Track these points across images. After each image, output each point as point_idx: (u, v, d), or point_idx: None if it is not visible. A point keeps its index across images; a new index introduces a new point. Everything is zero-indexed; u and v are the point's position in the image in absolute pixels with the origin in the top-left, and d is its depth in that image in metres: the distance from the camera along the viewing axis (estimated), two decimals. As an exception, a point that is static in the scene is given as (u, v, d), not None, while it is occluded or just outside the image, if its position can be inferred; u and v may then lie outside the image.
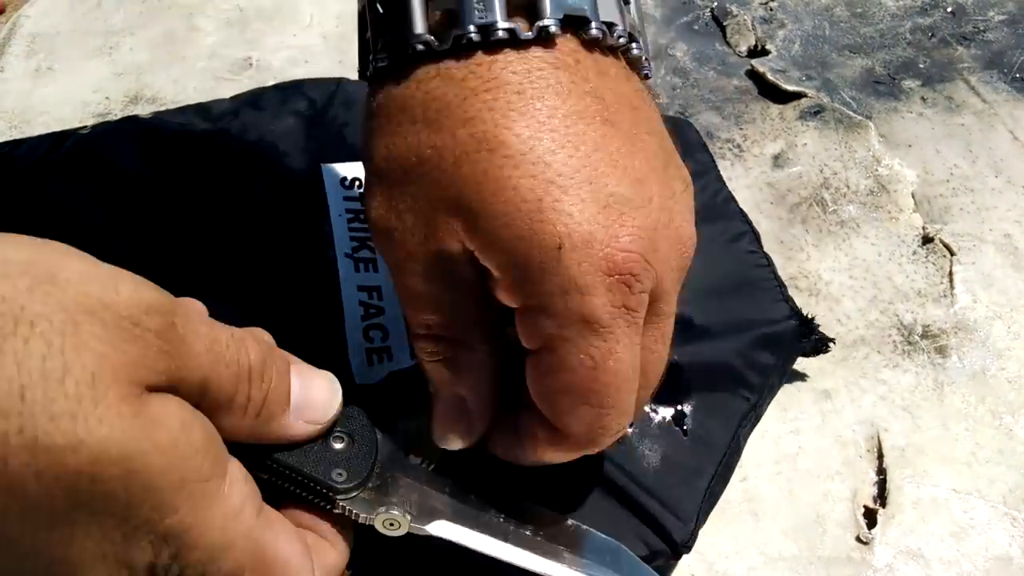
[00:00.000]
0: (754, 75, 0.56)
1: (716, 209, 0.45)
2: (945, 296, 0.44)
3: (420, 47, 0.26)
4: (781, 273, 0.42)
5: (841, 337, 0.41)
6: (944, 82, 0.56)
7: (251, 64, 0.56)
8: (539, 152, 0.25)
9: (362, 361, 0.37)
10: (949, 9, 0.61)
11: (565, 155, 0.25)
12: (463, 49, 0.25)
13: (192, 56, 0.56)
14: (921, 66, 0.57)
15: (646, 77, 0.29)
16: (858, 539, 0.36)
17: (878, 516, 0.36)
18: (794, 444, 0.38)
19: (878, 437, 0.39)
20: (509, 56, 0.25)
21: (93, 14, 0.60)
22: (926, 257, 0.46)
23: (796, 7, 0.61)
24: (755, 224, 0.45)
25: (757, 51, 0.58)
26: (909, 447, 0.38)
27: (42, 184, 0.42)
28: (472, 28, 0.25)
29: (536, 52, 0.25)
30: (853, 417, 0.39)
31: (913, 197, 0.49)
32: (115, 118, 0.49)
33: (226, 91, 0.52)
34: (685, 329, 0.39)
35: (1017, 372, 0.41)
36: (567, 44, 0.26)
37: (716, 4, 0.61)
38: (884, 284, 0.44)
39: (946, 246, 0.46)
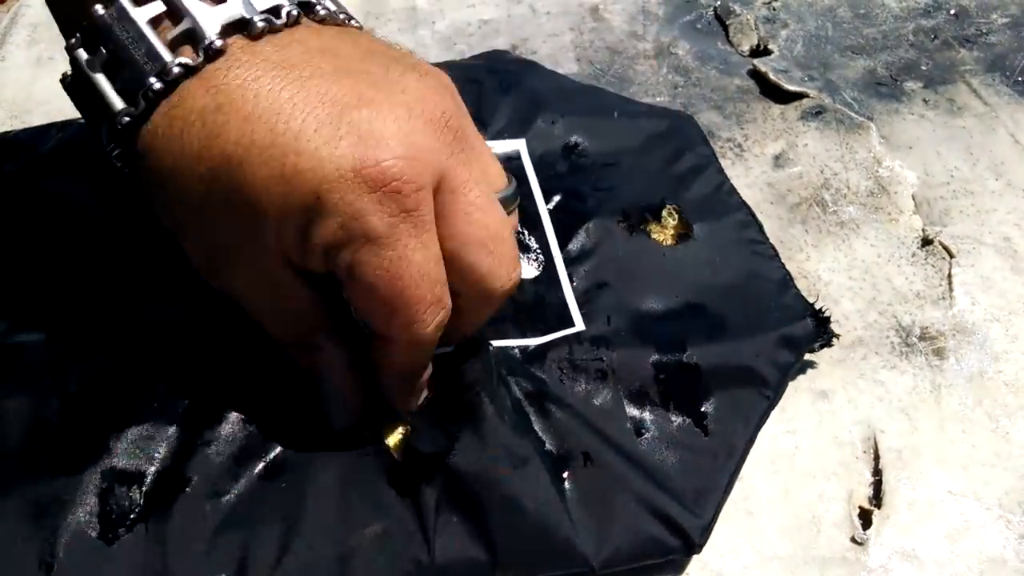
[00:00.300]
0: (756, 75, 0.56)
1: (720, 201, 0.45)
2: (944, 298, 0.44)
3: (178, 69, 0.27)
4: (780, 273, 0.42)
5: (840, 338, 0.41)
6: (946, 84, 0.56)
7: (253, 56, 0.56)
8: (267, 127, 0.27)
9: None
10: (952, 11, 0.61)
11: (285, 121, 0.27)
12: (152, 104, 0.28)
13: (194, 47, 0.56)
14: (923, 68, 0.57)
15: (348, 20, 0.32)
16: (853, 539, 0.36)
17: (873, 517, 0.36)
18: (791, 444, 0.38)
19: (875, 438, 0.39)
20: (190, 87, 0.27)
21: (95, 4, 0.60)
22: (925, 259, 0.46)
23: (799, 7, 0.61)
24: (755, 223, 0.45)
25: (759, 51, 0.58)
26: (905, 449, 0.38)
27: (42, 174, 0.42)
28: (152, 80, 0.27)
29: (217, 66, 0.27)
30: (850, 418, 0.39)
31: (913, 199, 0.49)
32: (116, 108, 0.49)
33: (227, 83, 0.51)
34: (700, 320, 0.39)
35: (1015, 375, 0.41)
36: (239, 43, 0.28)
37: (719, 3, 0.61)
38: (883, 285, 0.44)
39: (945, 248, 0.46)
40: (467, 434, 0.34)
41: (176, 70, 0.27)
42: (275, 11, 0.28)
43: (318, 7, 0.30)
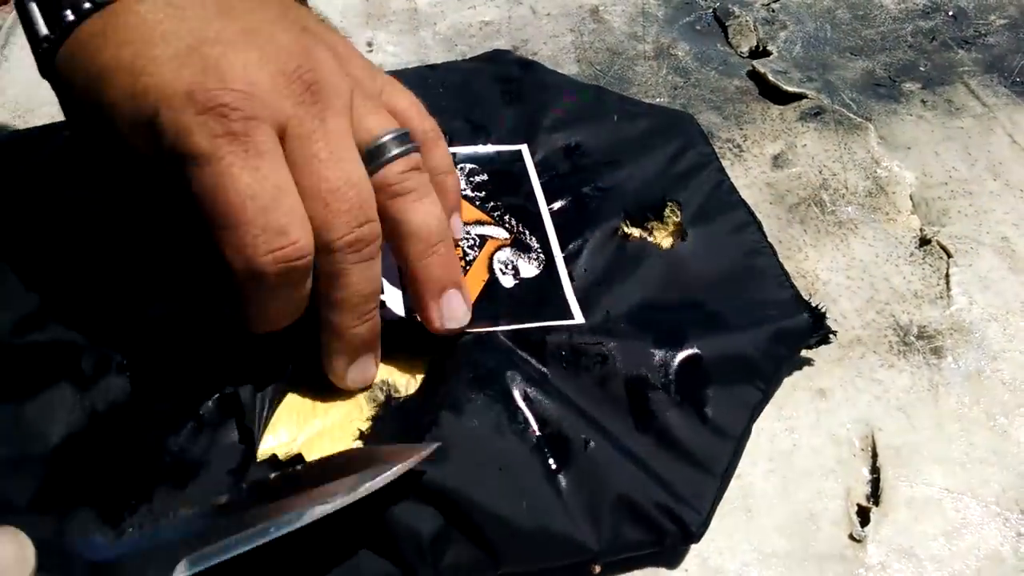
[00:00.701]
0: (755, 76, 0.56)
1: (720, 200, 0.45)
2: (941, 298, 0.44)
3: (88, 5, 0.32)
4: (779, 272, 0.43)
5: (838, 337, 0.42)
6: (944, 85, 0.56)
7: (254, 57, 0.56)
8: (134, 51, 0.30)
9: None
10: (950, 12, 0.61)
11: (150, 49, 0.30)
12: (66, 32, 0.32)
13: (196, 48, 0.56)
14: (922, 69, 0.57)
15: None
16: (851, 537, 0.36)
17: (871, 514, 0.36)
18: (789, 442, 0.39)
19: (872, 436, 0.39)
20: (102, 15, 0.31)
21: (97, 5, 0.60)
22: (923, 259, 0.46)
23: (798, 8, 0.61)
24: (754, 223, 0.45)
25: (758, 52, 0.58)
26: (903, 446, 0.38)
27: (47, 175, 0.43)
28: (66, 12, 0.32)
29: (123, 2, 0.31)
30: (848, 416, 0.39)
31: (911, 199, 0.49)
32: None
33: (229, 84, 0.52)
34: (699, 314, 0.40)
35: (1012, 374, 0.41)
36: None
37: (718, 4, 0.61)
38: (881, 285, 0.45)
39: (943, 248, 0.46)
40: (456, 427, 0.34)
41: (86, 5, 0.31)
42: None
43: None
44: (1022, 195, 0.49)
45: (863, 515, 0.37)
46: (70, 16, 0.32)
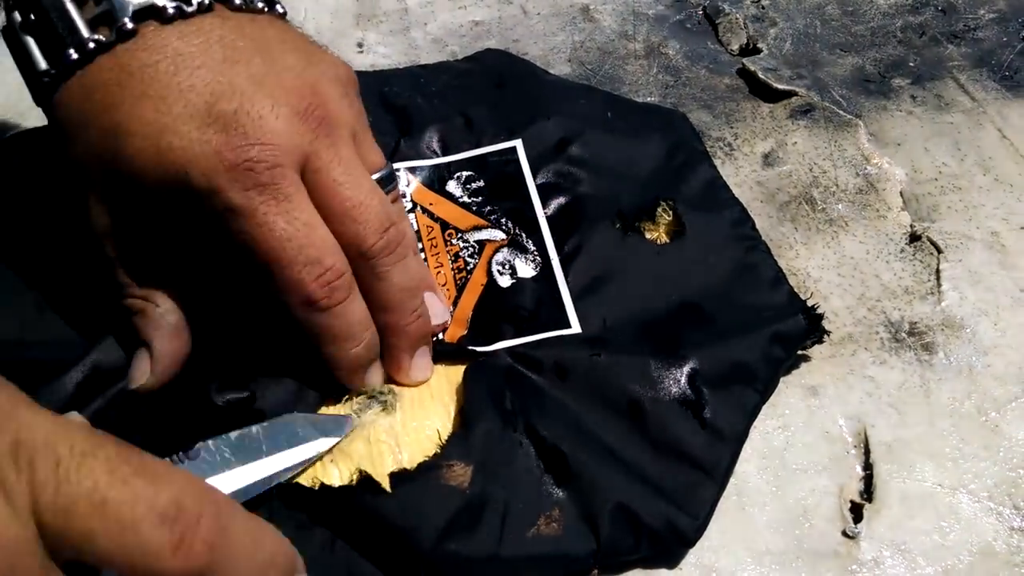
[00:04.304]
0: (745, 74, 0.56)
1: (713, 197, 0.46)
2: (932, 293, 0.44)
3: (92, 45, 0.32)
4: (770, 270, 0.43)
5: (829, 334, 0.42)
6: (934, 80, 0.56)
7: (245, 61, 0.56)
8: (154, 107, 0.32)
9: None
10: (940, 7, 0.61)
11: (169, 105, 0.31)
12: (69, 71, 0.33)
13: (186, 52, 0.56)
14: (911, 64, 0.57)
15: (268, 8, 0.37)
16: (844, 533, 0.36)
17: (864, 511, 0.37)
18: (781, 439, 0.39)
19: (865, 433, 0.39)
20: (101, 61, 0.33)
21: (87, 10, 0.60)
22: (914, 255, 0.46)
23: (788, 5, 0.61)
24: (745, 221, 0.45)
25: (749, 49, 0.58)
26: (896, 443, 0.39)
27: (37, 177, 0.43)
28: (70, 51, 0.33)
29: (126, 46, 0.32)
30: (840, 413, 0.40)
31: (901, 195, 0.49)
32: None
33: (220, 88, 0.52)
34: (695, 318, 0.40)
35: (1003, 369, 0.41)
36: (150, 27, 0.33)
37: (708, 2, 0.61)
38: (872, 282, 0.45)
39: (934, 244, 0.46)
40: (452, 443, 0.35)
41: (91, 45, 0.32)
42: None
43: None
44: (1012, 190, 0.49)
45: (856, 511, 0.37)
46: (73, 55, 0.33)
